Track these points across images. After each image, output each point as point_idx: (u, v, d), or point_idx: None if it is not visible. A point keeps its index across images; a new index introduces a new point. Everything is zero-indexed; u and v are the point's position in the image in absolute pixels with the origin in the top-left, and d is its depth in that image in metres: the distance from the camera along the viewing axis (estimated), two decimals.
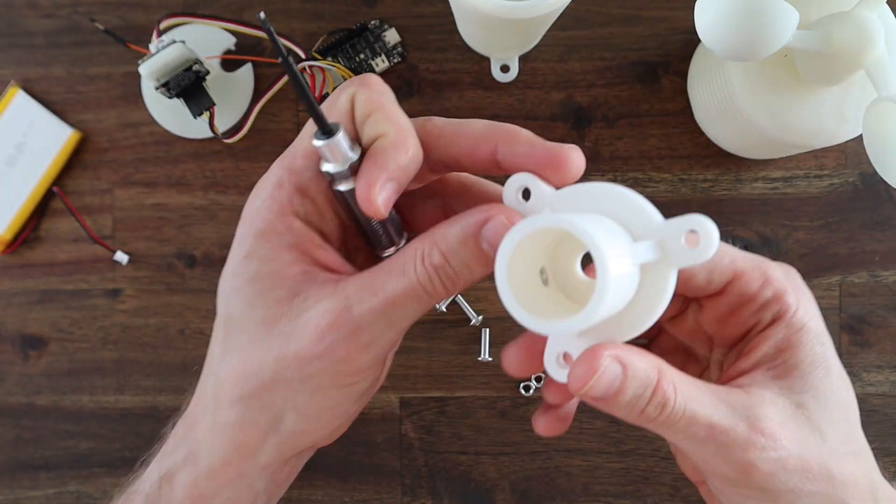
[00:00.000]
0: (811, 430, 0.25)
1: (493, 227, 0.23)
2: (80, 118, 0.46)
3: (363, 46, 0.45)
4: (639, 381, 0.23)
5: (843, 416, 0.26)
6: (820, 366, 0.26)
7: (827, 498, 0.25)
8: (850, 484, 0.25)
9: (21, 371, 0.46)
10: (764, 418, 0.24)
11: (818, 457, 0.25)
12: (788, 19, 0.32)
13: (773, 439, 0.24)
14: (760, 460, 0.24)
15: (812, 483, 0.24)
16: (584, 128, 0.45)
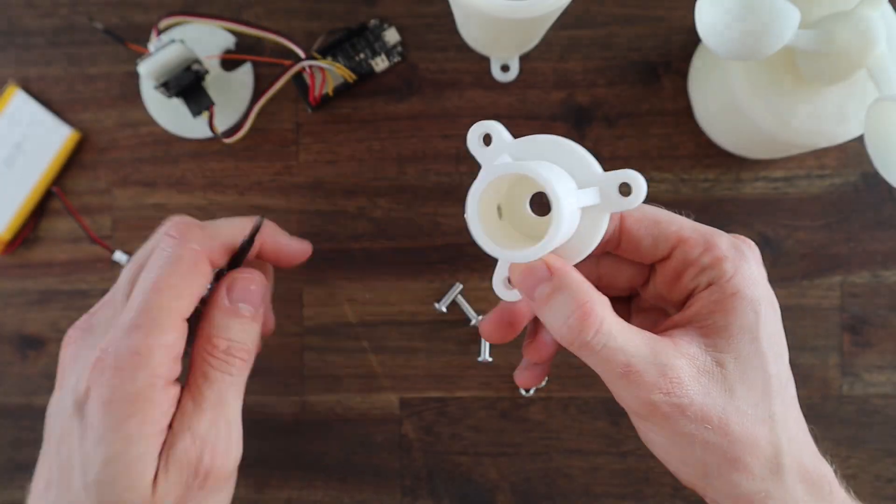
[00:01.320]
0: (723, 388, 0.28)
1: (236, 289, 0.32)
2: (79, 118, 0.46)
3: (363, 46, 0.45)
4: (569, 289, 0.27)
5: (760, 384, 0.28)
6: (747, 332, 0.28)
7: (720, 450, 0.27)
8: (749, 444, 0.27)
9: (20, 371, 0.46)
10: (677, 367, 0.27)
11: (721, 412, 0.27)
12: (789, 19, 0.32)
13: (679, 387, 0.27)
14: (662, 403, 0.27)
15: (709, 434, 0.27)
16: (584, 127, 0.45)
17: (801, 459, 0.29)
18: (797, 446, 0.29)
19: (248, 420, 0.46)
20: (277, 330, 0.46)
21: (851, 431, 0.44)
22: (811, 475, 0.29)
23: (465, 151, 0.46)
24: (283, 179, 0.46)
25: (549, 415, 0.45)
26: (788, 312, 0.45)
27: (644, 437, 0.30)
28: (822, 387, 0.45)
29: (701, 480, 0.29)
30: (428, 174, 0.45)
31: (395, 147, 0.46)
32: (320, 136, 0.46)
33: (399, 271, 0.45)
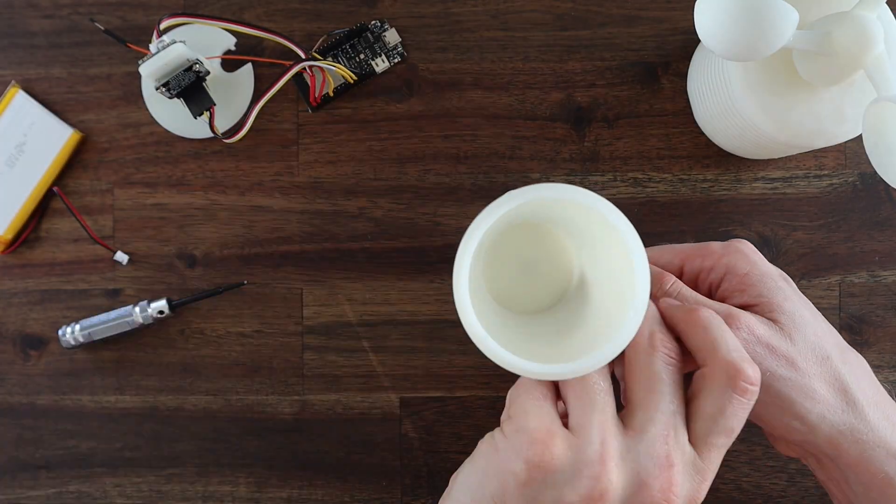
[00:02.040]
0: (783, 335, 0.32)
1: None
2: (80, 118, 0.46)
3: (363, 46, 0.45)
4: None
5: (811, 332, 0.33)
6: (778, 294, 0.33)
7: (794, 382, 0.31)
8: (817, 375, 0.32)
9: (21, 371, 0.46)
10: (744, 317, 0.32)
11: (787, 350, 0.32)
12: (788, 19, 0.32)
13: (749, 331, 0.31)
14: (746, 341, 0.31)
15: (782, 369, 0.31)
16: (583, 128, 0.45)
17: (875, 398, 0.32)
18: (867, 385, 0.33)
19: (248, 419, 0.46)
20: (277, 330, 0.46)
21: None
22: (891, 414, 0.32)
23: (465, 151, 0.46)
24: (284, 179, 0.46)
25: None
26: None
27: None
28: None
29: (794, 421, 0.32)
30: (428, 174, 0.46)
31: (395, 147, 0.46)
32: (320, 136, 0.46)
33: (399, 271, 0.46)
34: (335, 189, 0.46)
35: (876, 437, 0.32)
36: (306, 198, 0.46)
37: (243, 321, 0.46)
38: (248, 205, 0.46)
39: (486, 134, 0.45)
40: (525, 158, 0.45)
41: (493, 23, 0.46)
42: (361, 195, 0.46)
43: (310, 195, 0.46)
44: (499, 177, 0.45)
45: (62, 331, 0.45)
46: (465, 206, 0.45)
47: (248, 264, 0.46)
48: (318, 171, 0.46)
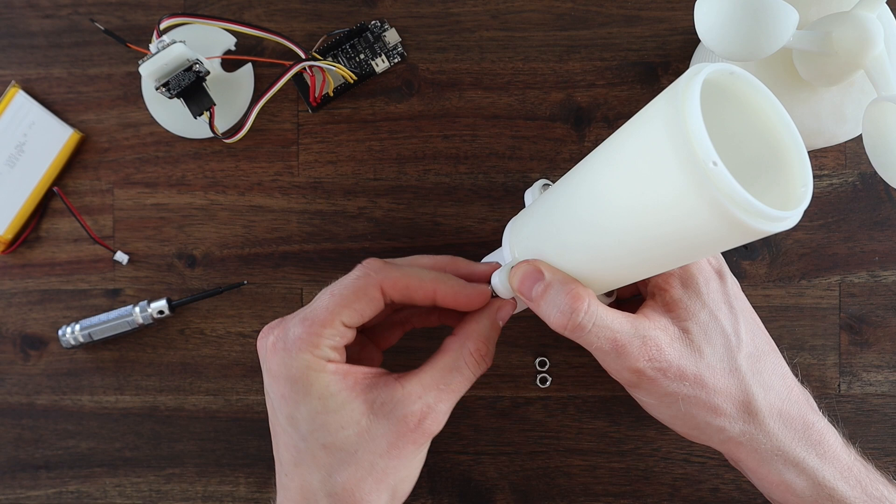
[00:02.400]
0: (692, 350, 0.34)
1: (504, 310, 0.36)
2: (80, 118, 0.46)
3: (363, 46, 0.45)
4: (559, 283, 0.32)
5: (721, 342, 0.34)
6: (696, 300, 0.35)
7: (700, 400, 0.33)
8: (721, 391, 0.34)
9: (21, 371, 0.46)
10: (655, 337, 0.33)
11: (695, 368, 0.33)
12: (788, 19, 0.32)
13: (658, 352, 0.33)
14: (647, 368, 0.33)
15: (688, 388, 0.33)
16: (583, 128, 0.45)
17: (781, 407, 0.34)
18: (775, 394, 0.34)
19: (249, 419, 0.46)
20: None
21: (849, 430, 0.45)
22: (795, 422, 0.34)
23: (465, 151, 0.46)
24: (284, 179, 0.46)
25: (549, 414, 0.46)
26: (787, 312, 0.46)
27: (640, 402, 0.36)
28: (821, 386, 0.45)
29: (694, 430, 0.35)
30: (428, 174, 0.46)
31: (395, 147, 0.46)
32: (320, 136, 0.46)
33: None
34: (335, 189, 0.46)
35: (773, 445, 0.34)
36: (306, 198, 0.46)
37: (243, 321, 0.46)
38: (247, 205, 0.46)
39: (486, 134, 0.45)
40: (525, 158, 0.45)
41: (493, 23, 0.46)
42: (361, 195, 0.46)
43: (310, 195, 0.46)
44: (499, 177, 0.45)
45: (62, 331, 0.45)
46: (465, 206, 0.45)
47: (247, 264, 0.46)
48: (317, 171, 0.46)
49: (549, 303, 0.32)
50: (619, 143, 0.29)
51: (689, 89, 0.25)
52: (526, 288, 0.33)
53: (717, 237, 0.26)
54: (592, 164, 0.31)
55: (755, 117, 0.30)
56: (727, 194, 0.24)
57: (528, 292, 0.33)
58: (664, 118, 0.26)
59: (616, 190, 0.28)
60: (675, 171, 0.25)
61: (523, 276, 0.33)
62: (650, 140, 0.26)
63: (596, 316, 0.32)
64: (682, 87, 0.26)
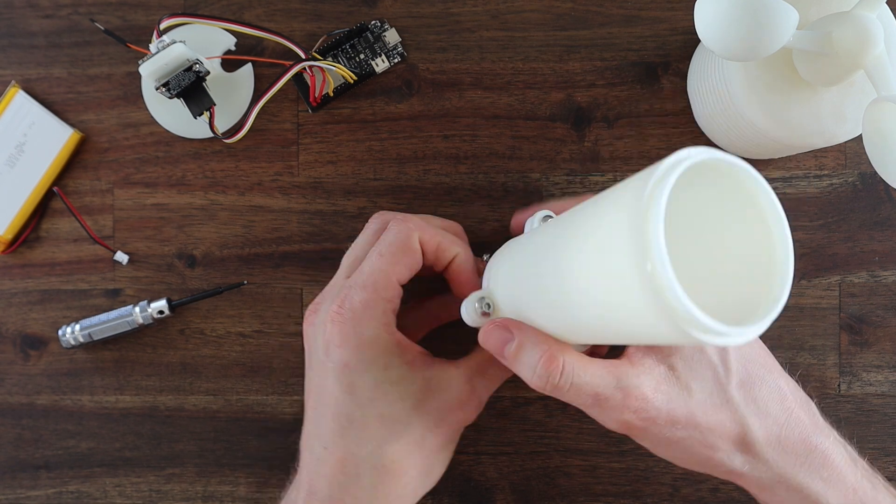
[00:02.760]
0: (680, 388, 0.32)
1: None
2: (80, 118, 0.46)
3: (363, 46, 0.45)
4: (531, 347, 0.31)
5: (710, 375, 0.33)
6: None
7: (696, 440, 0.32)
8: (716, 428, 0.32)
9: (21, 371, 0.46)
10: (638, 386, 0.31)
11: (685, 410, 0.32)
12: (788, 19, 0.32)
13: (644, 402, 0.31)
14: (634, 420, 0.31)
15: (682, 431, 0.32)
16: (583, 128, 0.45)
17: (779, 433, 0.33)
18: (772, 421, 0.33)
19: (249, 419, 0.46)
20: (277, 330, 0.46)
21: (849, 431, 0.45)
22: (796, 447, 0.33)
23: (465, 151, 0.46)
24: (284, 179, 0.46)
25: (549, 414, 0.46)
26: (787, 312, 0.46)
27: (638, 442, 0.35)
28: (821, 386, 0.45)
29: (696, 466, 0.34)
30: (428, 174, 0.46)
31: (395, 147, 0.46)
32: (320, 136, 0.46)
33: None
34: (335, 189, 0.46)
35: (775, 474, 0.33)
36: (306, 198, 0.46)
37: (243, 321, 0.46)
38: (247, 205, 0.46)
39: (486, 134, 0.45)
40: (525, 158, 0.45)
41: (493, 23, 0.46)
42: (361, 195, 0.46)
43: (310, 195, 0.46)
44: (499, 177, 0.45)
45: (62, 331, 0.45)
46: (465, 206, 0.45)
47: (247, 264, 0.46)
48: (317, 171, 0.46)
49: (523, 364, 0.31)
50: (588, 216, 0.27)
51: (659, 189, 0.23)
52: (497, 350, 0.32)
53: (669, 338, 0.25)
54: (563, 231, 0.29)
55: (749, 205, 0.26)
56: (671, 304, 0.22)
57: (500, 353, 0.32)
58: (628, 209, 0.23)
59: (577, 266, 0.27)
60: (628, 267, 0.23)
61: (494, 340, 0.32)
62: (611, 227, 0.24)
63: (573, 374, 0.31)
64: (654, 180, 0.23)
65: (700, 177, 0.24)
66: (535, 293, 0.31)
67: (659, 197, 0.22)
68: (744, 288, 0.26)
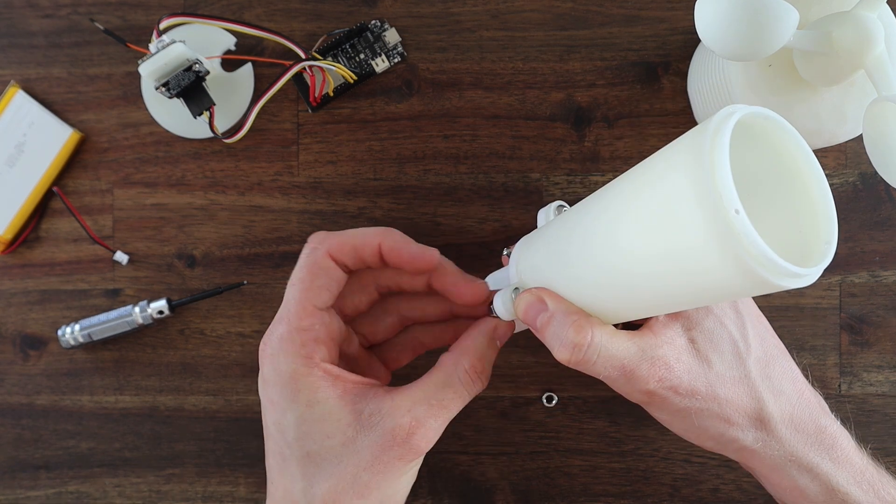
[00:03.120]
0: (700, 360, 0.33)
1: (501, 329, 0.35)
2: (80, 118, 0.46)
3: (363, 46, 0.45)
4: (561, 317, 0.31)
5: (729, 349, 0.33)
6: (701, 308, 0.34)
7: (713, 413, 0.33)
8: (733, 401, 0.33)
9: (21, 371, 0.46)
10: (662, 356, 0.32)
11: (705, 382, 0.32)
12: (788, 19, 0.32)
13: (668, 371, 0.32)
14: (659, 389, 0.32)
15: (701, 402, 0.32)
16: (583, 128, 0.45)
17: (792, 412, 0.34)
18: (786, 399, 0.34)
19: (249, 419, 0.46)
20: None
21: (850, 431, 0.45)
22: (807, 426, 0.33)
23: (465, 151, 0.46)
24: (284, 179, 0.46)
25: (549, 414, 0.46)
26: (787, 312, 0.46)
27: (654, 416, 0.35)
28: (821, 386, 0.45)
29: (708, 441, 0.34)
30: (428, 174, 0.46)
31: (395, 147, 0.46)
32: (320, 136, 0.46)
33: None
34: (335, 189, 0.46)
35: (786, 452, 0.34)
36: (306, 198, 0.46)
37: (243, 321, 0.46)
38: (247, 205, 0.46)
39: (486, 134, 0.45)
40: (525, 158, 0.45)
41: (493, 23, 0.46)
42: (361, 195, 0.46)
43: (310, 195, 0.46)
44: (499, 177, 0.45)
45: (62, 331, 0.45)
46: (465, 206, 0.45)
47: (247, 264, 0.46)
48: (317, 171, 0.46)
49: (553, 335, 0.31)
50: (640, 185, 0.28)
51: (719, 138, 0.24)
52: (530, 317, 0.32)
53: (737, 289, 0.26)
54: (610, 205, 0.30)
55: (784, 162, 0.29)
56: (749, 249, 0.23)
57: (532, 321, 0.32)
58: (688, 165, 0.25)
59: (634, 235, 0.27)
60: (698, 222, 0.24)
61: (527, 306, 0.32)
62: (672, 186, 0.26)
63: (601, 346, 0.31)
64: (710, 133, 0.24)
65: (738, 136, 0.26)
66: (580, 269, 0.31)
67: (722, 146, 0.23)
68: (792, 236, 0.28)
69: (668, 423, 0.35)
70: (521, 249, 0.36)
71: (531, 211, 0.45)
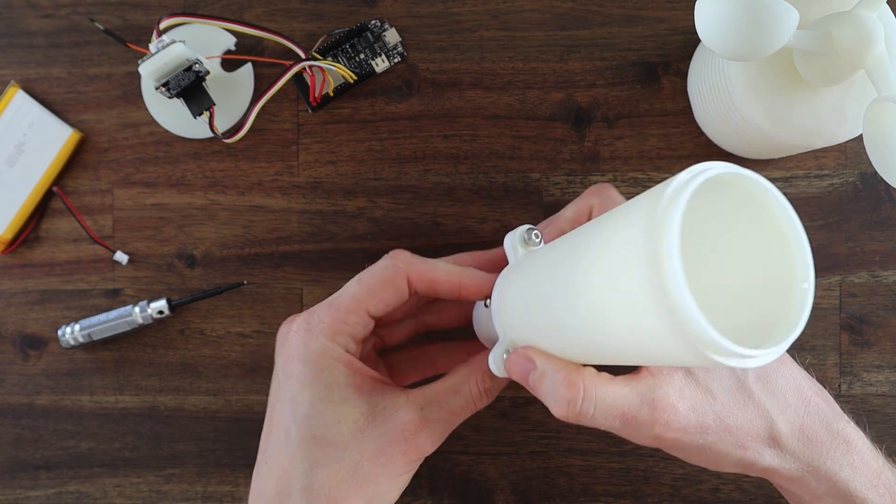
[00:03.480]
0: (703, 393, 0.32)
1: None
2: (80, 118, 0.46)
3: (363, 46, 0.45)
4: (552, 374, 0.30)
5: (727, 373, 0.33)
6: None
7: (728, 443, 0.32)
8: (744, 428, 0.32)
9: (21, 371, 0.46)
10: (664, 397, 0.31)
11: (713, 415, 0.31)
12: (788, 19, 0.32)
13: (673, 413, 0.31)
14: (666, 432, 0.31)
15: (713, 436, 0.31)
16: (583, 128, 0.45)
17: (801, 423, 0.33)
18: (793, 412, 0.33)
19: (249, 419, 0.46)
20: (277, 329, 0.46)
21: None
22: (818, 435, 0.33)
23: (465, 151, 0.46)
24: (284, 179, 0.46)
25: (549, 414, 0.45)
26: None
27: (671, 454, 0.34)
28: None
29: (728, 468, 0.33)
30: (428, 174, 0.46)
31: (395, 147, 0.46)
32: (320, 136, 0.46)
33: None
34: (335, 189, 0.46)
35: (802, 464, 0.33)
36: (306, 198, 0.46)
37: (243, 321, 0.46)
38: (247, 205, 0.46)
39: (486, 134, 0.45)
40: (525, 158, 0.45)
41: (493, 23, 0.46)
42: (361, 195, 0.46)
43: (309, 195, 0.46)
44: (499, 177, 0.45)
45: (62, 331, 0.45)
46: (465, 206, 0.45)
47: (247, 264, 0.46)
48: (317, 171, 0.46)
49: (546, 393, 0.31)
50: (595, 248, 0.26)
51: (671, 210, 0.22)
52: (522, 378, 0.32)
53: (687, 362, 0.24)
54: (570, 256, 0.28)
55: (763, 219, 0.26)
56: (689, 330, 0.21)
57: (525, 381, 0.32)
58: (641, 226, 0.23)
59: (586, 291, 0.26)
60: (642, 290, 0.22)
61: (516, 368, 0.32)
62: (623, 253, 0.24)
63: (596, 398, 0.30)
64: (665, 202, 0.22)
65: (714, 190, 0.24)
66: (547, 316, 0.30)
67: (673, 216, 0.21)
68: (760, 302, 0.26)
69: (686, 460, 0.34)
70: (498, 294, 0.35)
71: (531, 211, 0.45)
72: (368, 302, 0.34)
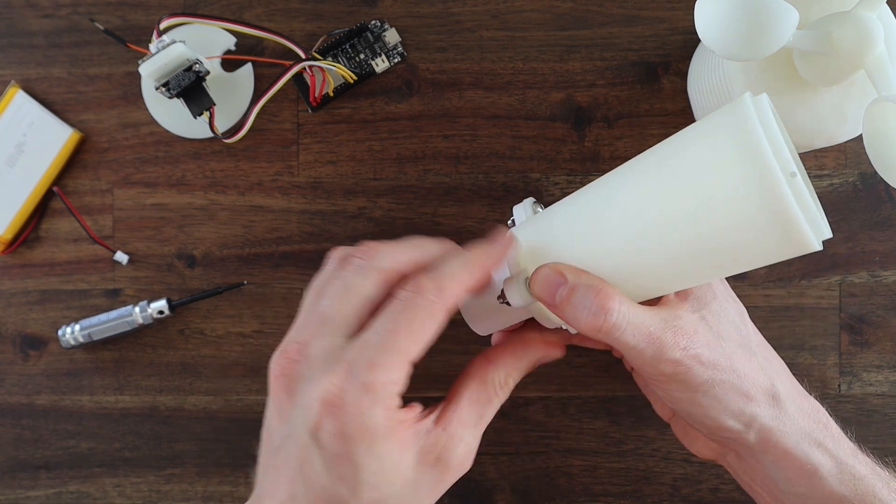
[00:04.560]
0: (714, 335, 0.33)
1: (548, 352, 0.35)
2: (80, 118, 0.46)
3: (363, 46, 0.45)
4: (584, 286, 0.31)
5: (734, 329, 0.35)
6: (707, 291, 0.35)
7: (734, 386, 0.33)
8: (750, 376, 0.33)
9: (21, 371, 0.46)
10: (684, 324, 0.32)
11: (723, 354, 0.33)
12: (788, 19, 0.32)
13: (692, 338, 0.32)
14: (684, 358, 0.32)
15: (722, 374, 0.33)
16: (583, 128, 0.45)
17: (792, 391, 0.35)
18: (784, 379, 0.35)
19: (249, 419, 0.46)
20: (277, 330, 0.46)
21: (850, 431, 0.45)
22: (804, 406, 0.35)
23: (465, 151, 0.46)
24: (284, 179, 0.46)
25: (549, 414, 0.46)
26: (787, 312, 0.46)
27: (671, 400, 0.34)
28: (821, 386, 0.45)
29: (729, 420, 0.33)
30: (428, 174, 0.46)
31: (395, 147, 0.46)
32: (320, 136, 0.46)
33: None
34: (335, 189, 0.46)
35: (799, 428, 0.34)
36: (306, 198, 0.46)
37: (243, 321, 0.46)
38: (247, 205, 0.46)
39: (486, 134, 0.45)
40: (525, 158, 0.45)
41: (493, 23, 0.46)
42: (361, 195, 0.46)
43: (309, 195, 0.46)
44: (499, 177, 0.45)
45: (62, 331, 0.45)
46: (465, 206, 0.45)
47: (247, 264, 0.46)
48: (317, 171, 0.46)
49: (576, 305, 0.30)
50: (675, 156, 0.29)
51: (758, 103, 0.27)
52: (548, 293, 0.31)
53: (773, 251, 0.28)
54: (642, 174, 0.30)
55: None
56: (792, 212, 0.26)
57: (551, 297, 0.31)
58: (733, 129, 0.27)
59: (675, 199, 0.28)
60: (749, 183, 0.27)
61: (545, 281, 0.31)
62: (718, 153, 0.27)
63: (629, 313, 0.31)
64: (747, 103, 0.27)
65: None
66: (607, 241, 0.31)
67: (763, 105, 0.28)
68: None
69: (687, 404, 0.33)
70: (528, 230, 0.34)
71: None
72: (410, 352, 0.30)
